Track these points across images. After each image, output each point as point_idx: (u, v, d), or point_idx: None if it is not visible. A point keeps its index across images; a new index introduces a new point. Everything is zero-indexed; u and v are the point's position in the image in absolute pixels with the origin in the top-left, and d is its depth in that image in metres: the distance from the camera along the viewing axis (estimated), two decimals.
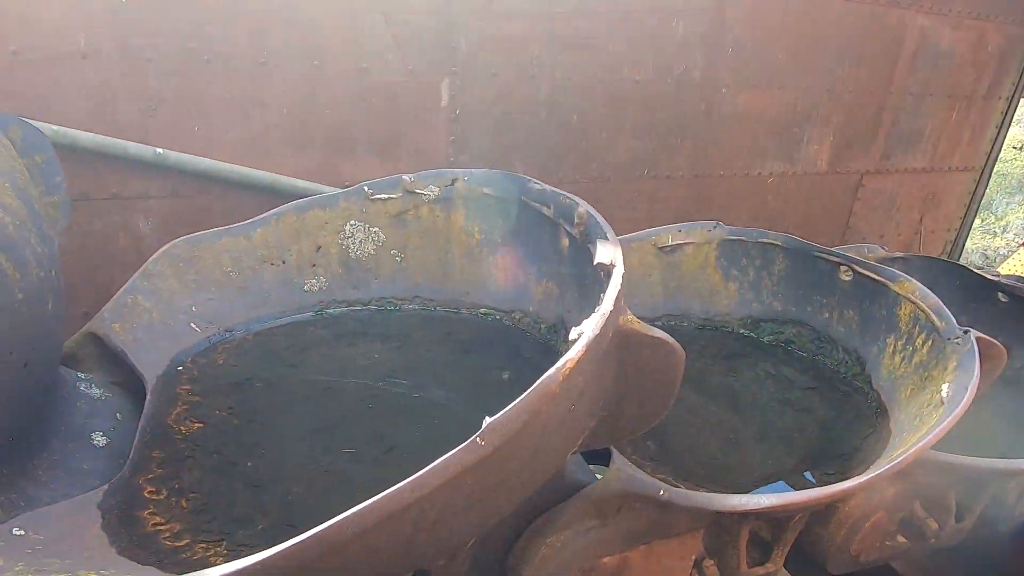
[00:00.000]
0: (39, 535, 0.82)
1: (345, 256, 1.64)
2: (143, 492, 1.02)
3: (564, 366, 0.74)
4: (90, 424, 1.17)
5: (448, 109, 2.30)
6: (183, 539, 0.95)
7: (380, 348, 1.55)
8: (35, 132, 1.26)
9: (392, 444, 1.28)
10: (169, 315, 1.39)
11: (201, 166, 2.04)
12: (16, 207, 0.98)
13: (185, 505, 1.02)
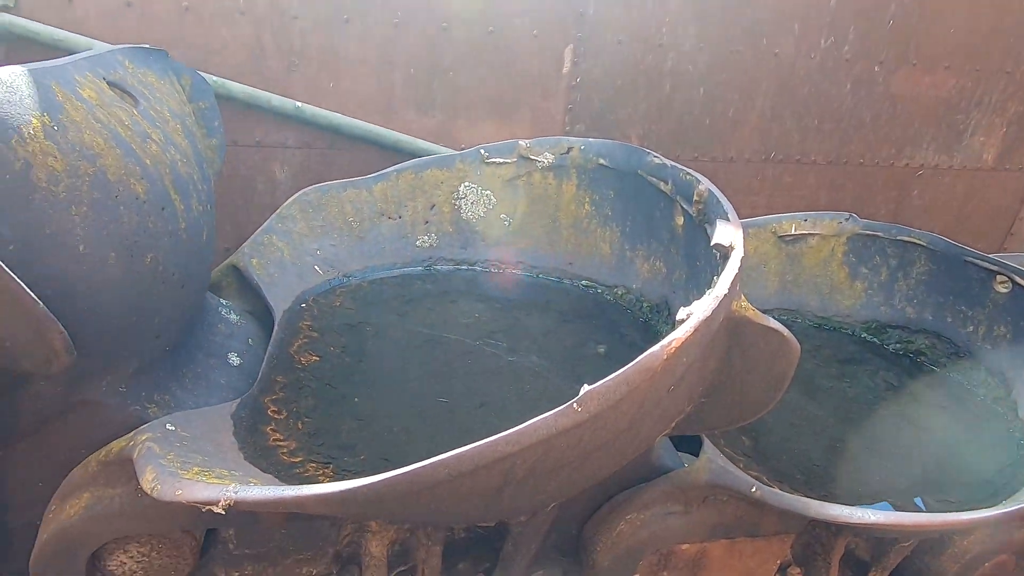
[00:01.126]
0: (186, 432, 0.95)
1: (456, 216, 1.70)
2: (267, 411, 1.14)
3: (670, 345, 0.73)
4: (227, 345, 1.33)
5: (569, 76, 2.27)
6: (298, 456, 1.05)
7: (481, 308, 1.60)
8: (201, 80, 1.40)
9: (484, 400, 1.33)
10: (297, 256, 1.52)
11: (333, 121, 2.17)
12: (185, 147, 1.11)
13: (300, 427, 1.13)
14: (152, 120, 1.06)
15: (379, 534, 1.10)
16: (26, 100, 0.79)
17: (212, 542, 1.08)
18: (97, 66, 1.00)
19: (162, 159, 1.02)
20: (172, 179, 1.04)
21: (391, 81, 2.19)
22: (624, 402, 0.76)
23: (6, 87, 0.77)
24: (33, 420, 0.95)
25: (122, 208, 0.91)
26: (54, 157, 0.81)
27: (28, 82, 0.80)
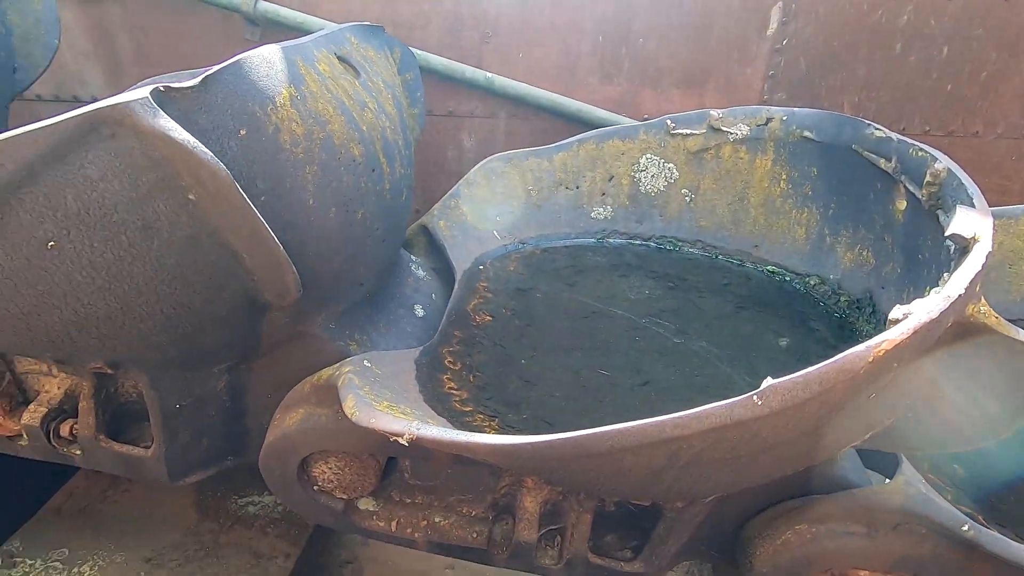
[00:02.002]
0: (379, 370, 1.08)
1: (635, 189, 1.65)
2: (444, 360, 1.25)
3: (879, 346, 0.64)
4: (414, 298, 1.46)
5: (774, 38, 2.05)
6: (468, 406, 1.14)
7: (651, 285, 1.55)
8: (409, 53, 1.53)
9: (648, 379, 1.30)
10: (479, 221, 1.62)
11: (518, 90, 2.23)
12: (393, 115, 1.23)
13: (472, 380, 1.21)
14: (369, 90, 1.18)
15: (534, 491, 1.15)
16: (279, 74, 0.93)
17: (391, 469, 1.22)
18: (330, 43, 1.14)
19: (375, 126, 1.14)
20: (382, 144, 1.16)
21: (578, 49, 2.17)
22: (813, 403, 0.68)
23: (266, 62, 0.91)
24: (268, 343, 1.15)
25: (343, 169, 1.05)
26: (296, 123, 0.95)
27: (281, 58, 0.95)
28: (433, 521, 1.20)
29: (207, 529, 1.64)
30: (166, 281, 0.90)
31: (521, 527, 1.13)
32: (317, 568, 1.78)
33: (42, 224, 0.78)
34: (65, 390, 1.22)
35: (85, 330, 0.94)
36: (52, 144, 0.73)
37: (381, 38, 1.42)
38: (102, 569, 1.50)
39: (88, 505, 1.66)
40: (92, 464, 1.25)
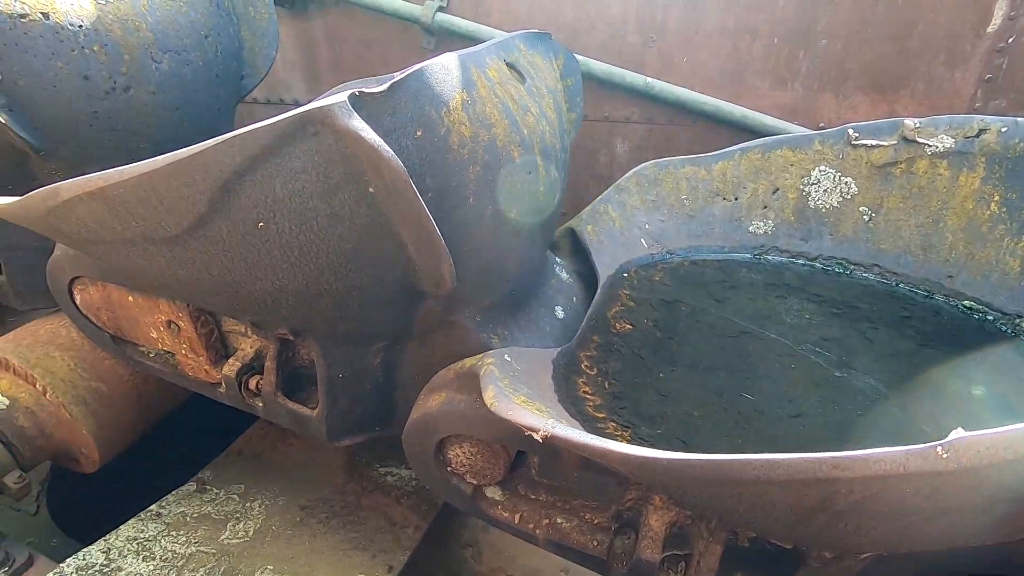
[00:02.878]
0: (518, 365, 1.11)
1: (803, 204, 1.52)
2: (581, 364, 1.25)
3: None
4: (556, 299, 1.49)
5: (995, 36, 1.75)
6: (601, 412, 1.13)
7: (813, 310, 1.42)
8: (573, 60, 1.56)
9: (800, 412, 1.19)
10: (627, 227, 1.59)
11: (679, 96, 2.16)
12: (553, 120, 1.26)
13: (607, 387, 1.20)
14: (533, 95, 1.23)
15: (661, 510, 1.11)
16: (454, 80, 1.00)
17: (520, 462, 1.25)
18: (501, 50, 1.20)
19: (536, 130, 1.18)
20: (540, 147, 1.19)
21: (748, 52, 2.05)
22: (1016, 467, 0.58)
23: (444, 69, 0.98)
24: (421, 328, 1.25)
25: (502, 170, 1.09)
26: (465, 125, 1.01)
27: (457, 65, 1.02)
28: (555, 521, 1.21)
29: (352, 490, 1.82)
30: (343, 264, 1.02)
31: (644, 545, 1.10)
32: (441, 544, 1.88)
33: (256, 207, 0.92)
34: (256, 350, 1.42)
35: (277, 300, 1.09)
36: (270, 139, 0.85)
37: (547, 44, 1.47)
38: (267, 508, 1.73)
39: (262, 451, 1.93)
40: (269, 416, 1.45)
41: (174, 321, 1.39)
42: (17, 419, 1.59)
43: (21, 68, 1.28)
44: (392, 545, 1.67)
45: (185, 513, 1.70)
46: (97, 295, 1.45)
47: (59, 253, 1.41)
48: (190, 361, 1.48)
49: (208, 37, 1.62)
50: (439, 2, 2.35)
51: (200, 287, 1.14)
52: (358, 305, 1.10)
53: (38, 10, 1.29)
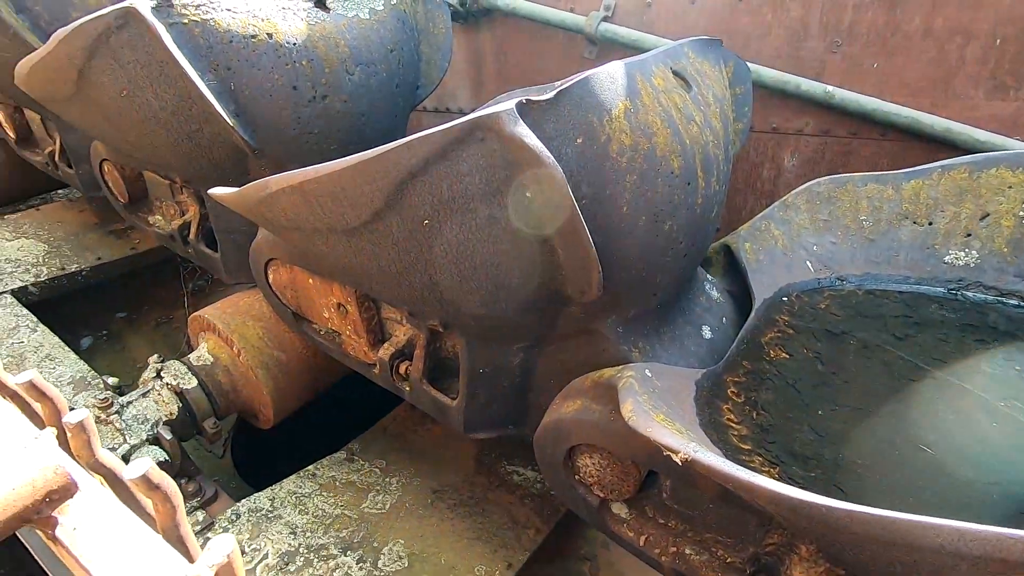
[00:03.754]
0: (658, 382, 1.08)
1: (1020, 234, 1.28)
2: (727, 389, 1.18)
3: None
4: (704, 318, 1.41)
5: None
6: (746, 444, 1.05)
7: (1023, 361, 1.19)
8: (743, 68, 1.47)
9: (998, 479, 1.00)
10: (791, 248, 1.47)
11: (864, 106, 1.94)
12: (718, 130, 1.20)
13: (755, 417, 1.11)
14: (698, 104, 1.18)
15: (808, 562, 1.00)
16: (619, 88, 1.00)
17: (651, 483, 1.21)
18: (668, 58, 1.17)
19: (698, 140, 1.14)
20: (702, 158, 1.14)
21: (959, 55, 1.78)
22: None
23: (610, 77, 0.99)
24: (561, 333, 1.26)
25: (660, 180, 1.07)
26: (626, 134, 1.01)
27: (623, 73, 1.01)
28: (683, 551, 1.15)
29: (480, 482, 1.89)
30: (495, 264, 1.06)
31: None
32: (559, 553, 1.88)
33: (423, 206, 1.00)
34: (408, 338, 1.54)
35: (432, 293, 1.17)
36: (443, 144, 0.92)
37: (717, 51, 1.40)
38: (404, 486, 1.86)
39: (404, 432, 2.08)
40: (413, 400, 1.55)
41: (343, 304, 1.55)
42: (217, 374, 1.88)
43: (248, 80, 1.53)
44: (513, 543, 1.70)
45: (335, 478, 1.89)
46: (285, 276, 1.67)
47: (260, 238, 1.64)
48: (352, 342, 1.64)
49: (393, 51, 1.80)
50: (603, 12, 2.36)
51: (368, 275, 1.26)
52: (504, 304, 1.14)
53: (265, 31, 1.52)
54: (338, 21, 1.65)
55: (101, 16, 1.39)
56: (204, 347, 1.92)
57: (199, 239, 2.01)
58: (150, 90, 1.48)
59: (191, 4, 1.43)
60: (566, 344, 1.31)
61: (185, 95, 1.47)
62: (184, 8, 1.43)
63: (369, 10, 1.72)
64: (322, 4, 1.64)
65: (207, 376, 1.86)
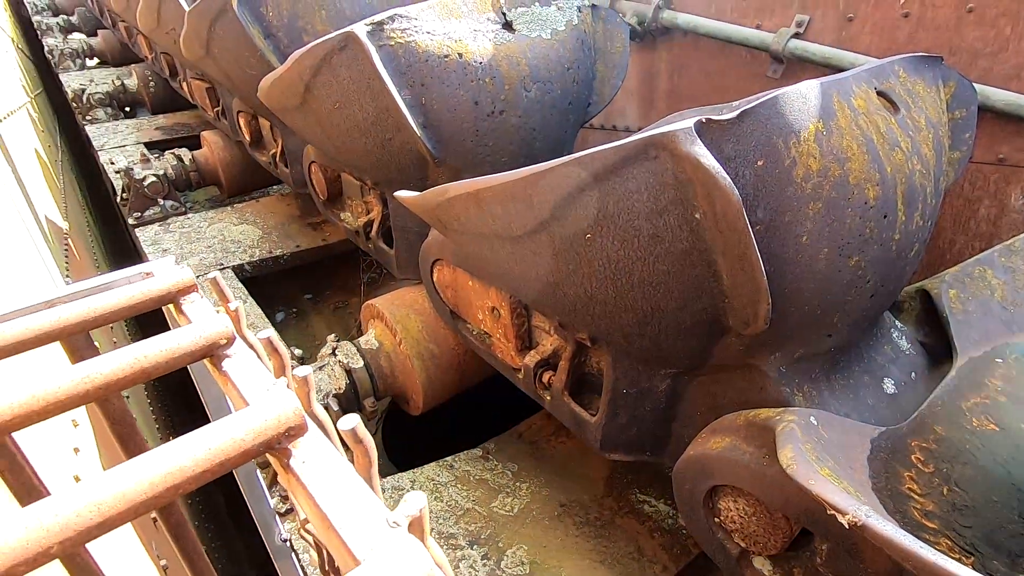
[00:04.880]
0: (825, 432, 0.97)
1: None
2: (911, 455, 1.02)
3: None
4: (887, 369, 1.24)
5: None
6: (931, 522, 0.90)
7: None
8: (967, 89, 1.28)
9: None
10: (1014, 300, 1.23)
11: None
12: (928, 158, 1.06)
13: (945, 493, 0.95)
14: (906, 129, 1.05)
15: None
16: (811, 109, 0.92)
17: (803, 542, 1.09)
18: (873, 77, 1.06)
19: (902, 168, 1.01)
20: (905, 189, 1.01)
21: None
22: None
23: (801, 98, 0.92)
24: (715, 363, 1.19)
25: (849, 210, 0.97)
26: (814, 158, 0.93)
27: (817, 93, 0.94)
28: None
29: (609, 505, 1.85)
30: (653, 283, 1.04)
31: None
32: None
33: (587, 219, 1.02)
34: (554, 348, 1.56)
35: (586, 306, 1.18)
36: (614, 160, 0.93)
37: (935, 70, 1.23)
38: (532, 493, 1.89)
39: (539, 440, 2.11)
40: (552, 410, 1.57)
41: (497, 308, 1.63)
42: (380, 359, 2.08)
43: (437, 95, 1.68)
44: (636, 575, 1.63)
45: (470, 473, 1.97)
46: (449, 276, 1.79)
47: (431, 239, 1.79)
48: (501, 345, 1.71)
49: (569, 70, 1.85)
50: (794, 28, 2.20)
51: (525, 282, 1.31)
52: (658, 326, 1.11)
53: (456, 51, 1.66)
54: (521, 41, 1.75)
55: (328, 39, 1.63)
56: (372, 333, 2.13)
57: (379, 236, 2.24)
58: (357, 102, 1.70)
59: (398, 28, 1.62)
60: (720, 376, 1.23)
61: (384, 107, 1.66)
62: (392, 31, 1.61)
63: (552, 31, 1.80)
64: (509, 26, 1.75)
65: (372, 359, 2.06)
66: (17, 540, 0.23)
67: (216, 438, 0.28)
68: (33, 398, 0.33)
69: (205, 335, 0.40)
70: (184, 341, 0.38)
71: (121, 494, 0.24)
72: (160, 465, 0.26)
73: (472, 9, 1.71)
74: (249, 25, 2.21)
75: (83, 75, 5.61)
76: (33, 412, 0.33)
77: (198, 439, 0.28)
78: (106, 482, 0.25)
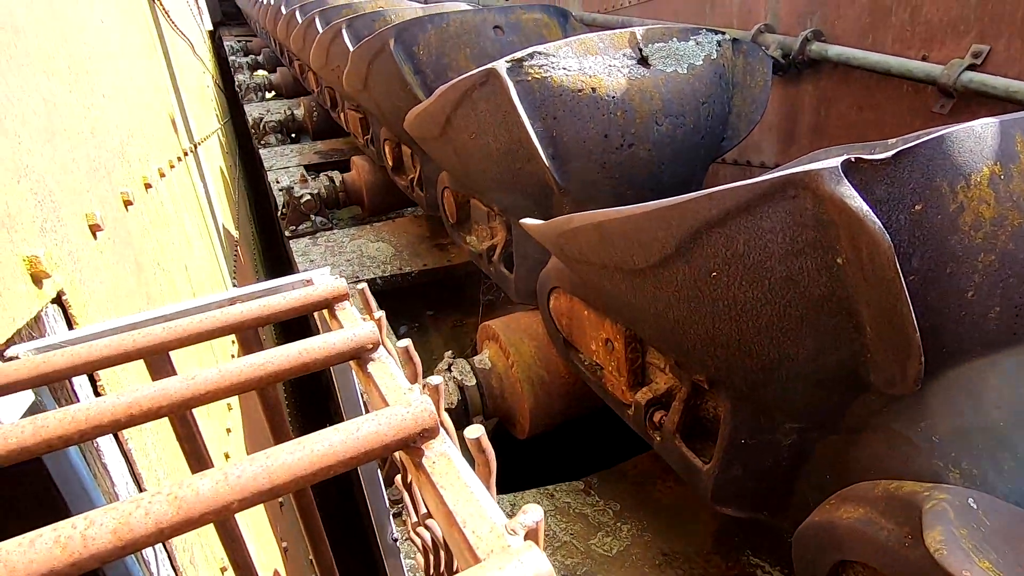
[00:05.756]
0: (987, 520, 0.84)
1: None
2: None
3: None
4: None
5: None
6: None
7: None
8: None
9: None
10: None
11: None
12: None
13: None
14: None
15: None
16: (986, 150, 0.83)
17: None
18: None
19: None
20: None
21: None
22: None
23: (974, 138, 0.83)
24: (850, 423, 1.08)
25: None
26: (987, 204, 0.83)
27: (995, 132, 0.84)
28: None
29: (716, 563, 1.72)
30: (784, 330, 0.98)
31: None
32: None
33: (714, 257, 0.98)
34: (668, 387, 1.51)
35: (706, 347, 1.13)
36: (748, 197, 0.90)
37: None
38: (634, 537, 1.82)
39: (644, 482, 2.03)
40: (662, 452, 1.51)
41: (612, 340, 1.61)
42: (492, 379, 2.14)
43: (567, 128, 1.72)
44: None
45: (570, 505, 1.94)
46: (565, 304, 1.81)
47: (550, 266, 1.82)
48: (613, 378, 1.68)
49: (704, 104, 1.81)
50: (969, 59, 1.98)
51: (643, 317, 1.29)
52: (786, 376, 1.04)
53: (590, 86, 1.70)
54: (656, 76, 1.75)
55: (471, 75, 1.74)
56: (486, 353, 2.20)
57: (500, 260, 2.32)
58: (492, 133, 1.79)
59: (536, 64, 1.69)
60: (857, 438, 1.11)
61: (516, 138, 1.73)
62: (530, 67, 1.69)
63: (688, 65, 1.78)
64: (644, 61, 1.76)
65: (484, 378, 2.12)
66: (213, 492, 0.28)
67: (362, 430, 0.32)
68: (217, 379, 0.39)
69: (356, 339, 0.45)
70: (338, 342, 0.44)
71: (287, 466, 0.29)
72: (314, 448, 0.30)
73: (609, 46, 1.75)
74: (402, 63, 2.43)
75: (262, 105, 6.50)
76: (216, 391, 0.39)
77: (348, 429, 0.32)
78: (271, 458, 0.29)
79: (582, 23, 4.73)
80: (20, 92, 0.64)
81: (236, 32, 10.92)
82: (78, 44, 0.99)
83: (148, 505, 0.26)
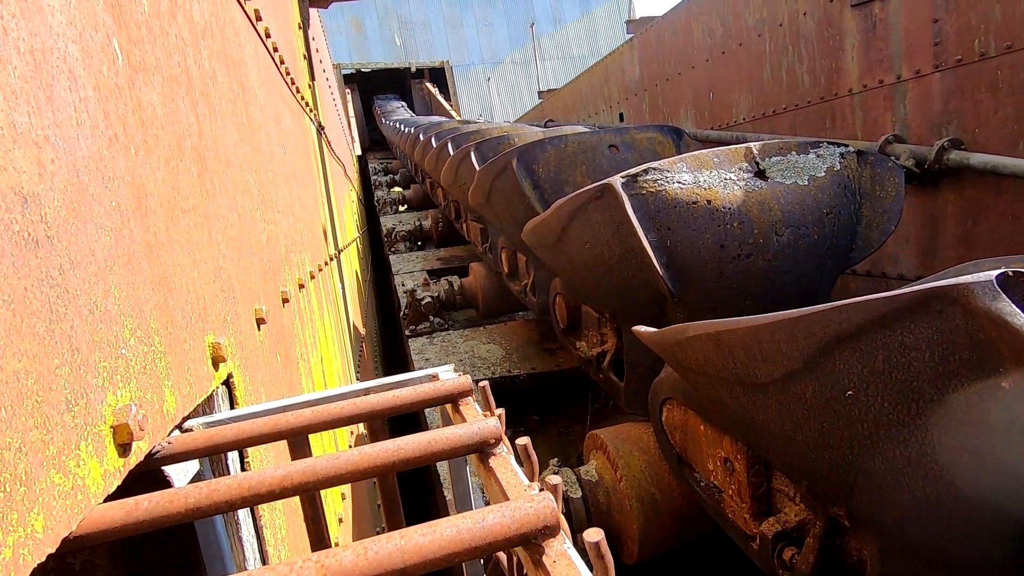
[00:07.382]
0: None
1: None
2: None
3: None
4: None
5: None
6: None
7: None
8: None
9: None
10: None
11: None
12: None
13: None
14: None
15: None
16: None
17: None
18: None
19: None
20: None
21: None
22: None
23: None
24: None
25: None
26: None
27: None
28: None
29: None
30: (924, 454, 0.86)
31: None
32: None
33: (849, 375, 0.91)
34: (799, 519, 1.34)
35: (844, 476, 1.01)
36: (884, 311, 0.84)
37: None
38: None
39: None
40: None
41: (731, 460, 1.49)
42: (598, 493, 2.03)
43: (681, 238, 1.74)
44: None
45: None
46: (678, 417, 1.72)
47: (663, 376, 1.76)
48: (733, 504, 1.53)
49: (828, 215, 1.76)
50: None
51: (767, 436, 1.19)
52: (951, 516, 0.89)
53: (705, 199, 1.73)
54: (775, 188, 1.74)
55: (587, 189, 1.85)
56: (593, 464, 2.11)
57: (610, 367, 2.29)
58: (606, 243, 1.85)
59: (650, 179, 1.76)
60: None
61: (630, 248, 1.77)
62: (644, 182, 1.77)
63: (809, 177, 1.76)
64: (762, 174, 1.76)
65: (590, 491, 2.02)
66: (353, 564, 0.30)
67: (488, 520, 0.32)
68: (358, 460, 0.43)
69: (480, 432, 0.48)
70: (464, 435, 0.46)
71: (418, 547, 0.30)
72: (443, 532, 0.31)
73: (724, 160, 1.78)
74: (522, 179, 2.64)
75: (395, 217, 7.26)
76: (355, 471, 0.43)
77: (475, 517, 0.33)
78: (405, 538, 0.31)
79: (696, 139, 4.88)
80: (224, 210, 0.79)
81: (379, 155, 12.59)
82: (266, 170, 1.21)
83: (300, 570, 0.28)
